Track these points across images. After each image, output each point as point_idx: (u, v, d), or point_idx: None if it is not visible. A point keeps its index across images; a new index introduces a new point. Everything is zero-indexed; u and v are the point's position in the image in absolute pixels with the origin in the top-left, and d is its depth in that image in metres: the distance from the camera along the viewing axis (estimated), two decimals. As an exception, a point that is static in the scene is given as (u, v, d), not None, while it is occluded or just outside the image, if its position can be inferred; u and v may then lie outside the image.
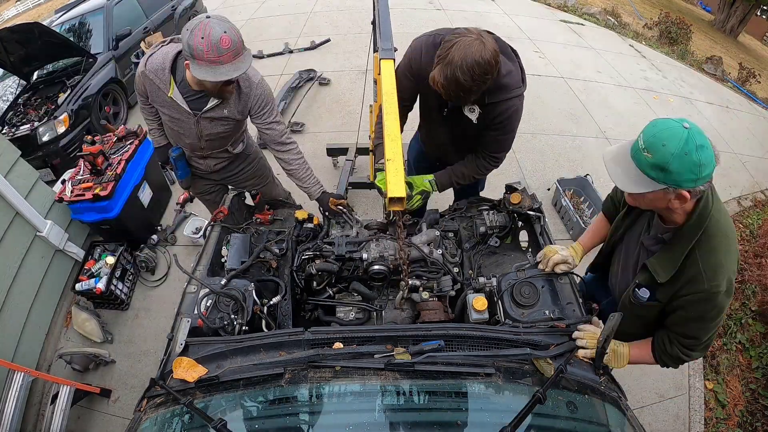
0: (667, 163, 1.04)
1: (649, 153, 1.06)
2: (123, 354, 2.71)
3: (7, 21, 13.16)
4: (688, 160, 1.02)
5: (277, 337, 1.28)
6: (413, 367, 1.17)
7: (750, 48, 12.63)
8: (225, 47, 1.46)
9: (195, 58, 1.48)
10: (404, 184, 1.35)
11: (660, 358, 1.35)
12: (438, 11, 7.04)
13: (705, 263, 1.16)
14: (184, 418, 1.15)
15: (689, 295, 1.19)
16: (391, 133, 1.46)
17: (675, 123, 1.06)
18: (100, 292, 2.68)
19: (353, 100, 4.75)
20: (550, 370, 1.19)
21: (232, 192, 2.05)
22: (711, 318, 1.21)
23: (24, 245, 2.62)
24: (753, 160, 4.78)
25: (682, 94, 5.78)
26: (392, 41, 1.90)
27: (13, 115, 4.01)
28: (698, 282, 1.17)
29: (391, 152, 1.40)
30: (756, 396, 2.67)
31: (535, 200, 1.77)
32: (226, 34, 1.46)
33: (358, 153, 3.47)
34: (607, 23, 7.96)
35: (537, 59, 5.80)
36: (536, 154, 4.13)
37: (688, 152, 1.02)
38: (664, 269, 1.22)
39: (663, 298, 1.27)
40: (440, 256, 1.70)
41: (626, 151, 1.15)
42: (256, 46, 5.73)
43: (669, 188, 1.07)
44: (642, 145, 1.08)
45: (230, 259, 1.68)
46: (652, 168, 1.07)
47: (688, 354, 1.29)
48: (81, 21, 4.88)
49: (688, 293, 1.19)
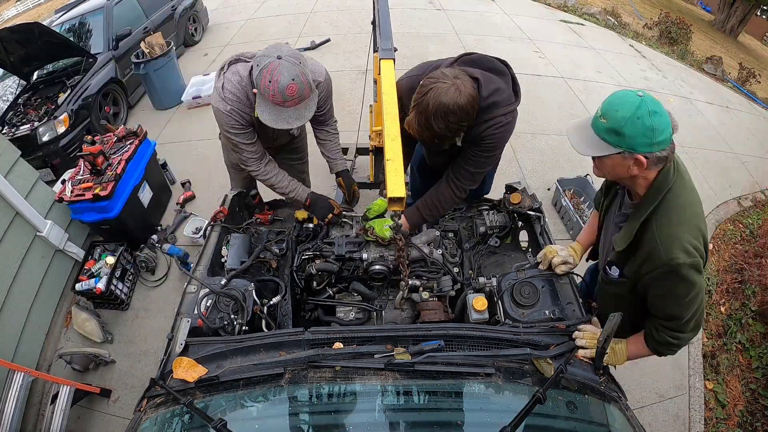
0: (620, 126, 1.10)
1: (604, 119, 1.13)
2: (123, 354, 2.71)
3: (7, 21, 13.16)
4: (641, 123, 1.09)
5: (277, 337, 1.28)
6: (413, 367, 1.17)
7: (750, 48, 12.63)
8: (290, 94, 1.47)
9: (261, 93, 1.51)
10: (404, 184, 1.35)
11: (654, 348, 1.34)
12: (438, 11, 7.04)
13: (660, 235, 1.18)
14: (184, 418, 1.15)
15: (652, 272, 1.20)
16: (391, 133, 1.46)
17: (631, 92, 1.13)
18: (100, 292, 2.68)
19: (353, 100, 4.75)
20: (550, 370, 1.19)
21: (232, 192, 2.05)
22: (683, 294, 1.18)
23: (24, 245, 2.62)
24: (753, 160, 4.78)
25: (682, 94, 5.78)
26: (392, 41, 1.90)
27: (13, 115, 4.01)
28: (655, 256, 1.18)
29: (391, 152, 1.40)
30: (756, 396, 2.67)
31: (535, 200, 1.78)
32: (294, 82, 1.46)
33: (358, 153, 3.47)
34: (607, 23, 7.96)
35: (537, 59, 5.80)
36: (536, 154, 4.13)
37: (640, 116, 1.08)
38: (622, 240, 1.27)
39: (629, 273, 1.29)
40: (440, 256, 1.70)
41: (588, 120, 1.22)
42: (256, 45, 5.73)
43: (625, 152, 1.13)
44: (599, 113, 1.16)
45: (230, 259, 1.68)
46: (607, 132, 1.13)
47: (676, 336, 1.27)
48: (81, 21, 4.88)
49: (650, 270, 1.20)
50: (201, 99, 4.74)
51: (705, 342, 2.91)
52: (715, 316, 3.09)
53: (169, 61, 4.69)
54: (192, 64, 5.75)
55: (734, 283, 3.29)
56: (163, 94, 4.79)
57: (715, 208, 3.97)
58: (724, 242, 3.69)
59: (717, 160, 4.60)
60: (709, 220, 3.82)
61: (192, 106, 4.80)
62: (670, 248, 1.15)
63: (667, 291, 1.21)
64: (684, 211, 1.19)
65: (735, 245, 3.69)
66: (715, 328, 3.02)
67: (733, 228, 3.86)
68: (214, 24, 6.89)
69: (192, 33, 6.26)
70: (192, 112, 4.78)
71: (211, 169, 3.87)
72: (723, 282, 3.32)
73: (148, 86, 4.75)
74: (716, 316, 3.09)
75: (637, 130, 1.09)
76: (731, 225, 3.89)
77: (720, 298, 3.21)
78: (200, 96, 4.73)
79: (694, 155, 4.55)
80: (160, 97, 4.81)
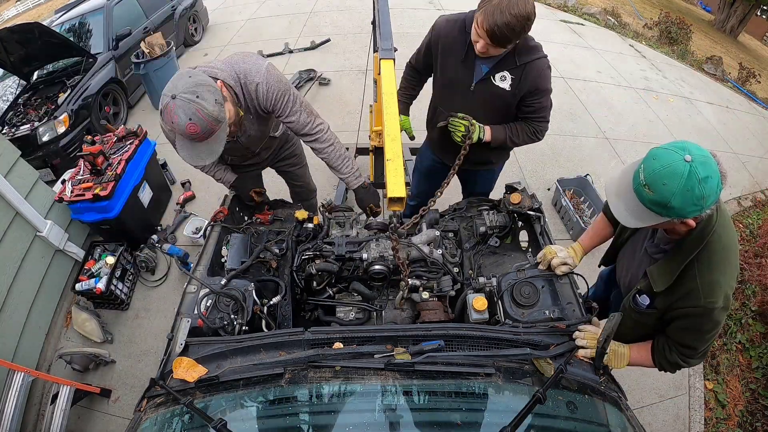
0: (668, 201, 1.01)
1: (650, 190, 1.03)
2: (123, 354, 2.71)
3: (7, 21, 13.15)
4: (690, 195, 1.00)
5: (277, 337, 1.28)
6: (413, 367, 1.17)
7: (750, 48, 12.63)
8: (193, 133, 1.37)
9: None
10: (404, 184, 1.36)
11: (659, 363, 1.35)
12: (438, 11, 7.04)
13: (702, 279, 1.16)
14: (184, 418, 1.15)
15: (685, 308, 1.20)
16: (391, 133, 1.46)
17: (676, 157, 1.01)
18: (100, 292, 2.68)
19: (353, 100, 4.75)
20: (550, 370, 1.19)
21: (233, 192, 2.05)
22: (707, 330, 1.22)
23: (24, 245, 2.62)
24: (753, 160, 4.78)
25: (683, 94, 5.78)
26: (392, 41, 1.90)
27: (13, 115, 4.01)
28: (694, 297, 1.17)
29: (391, 152, 1.41)
30: (756, 396, 2.67)
31: (535, 200, 1.77)
32: (192, 122, 1.35)
33: (358, 153, 3.47)
34: (607, 23, 7.96)
35: (537, 59, 5.79)
36: (536, 154, 4.13)
37: (690, 188, 0.99)
38: (662, 279, 1.23)
39: (661, 306, 1.27)
40: (440, 256, 1.70)
41: (629, 182, 1.11)
42: (256, 45, 5.74)
43: (673, 219, 1.06)
44: (643, 181, 1.05)
45: (230, 259, 1.68)
46: (653, 204, 1.04)
47: (686, 361, 1.30)
48: (81, 21, 4.88)
49: (684, 306, 1.20)
50: (201, 99, 4.73)
51: (705, 342, 2.91)
52: (715, 316, 3.09)
53: (169, 61, 4.68)
54: (192, 64, 5.66)
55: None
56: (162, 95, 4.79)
57: (715, 208, 3.97)
58: (724, 242, 3.69)
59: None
60: (709, 220, 3.82)
61: (192, 106, 4.80)
62: (711, 293, 1.15)
63: (694, 326, 1.22)
64: (727, 253, 1.17)
65: (735, 245, 3.69)
66: (715, 328, 3.02)
67: (733, 228, 3.86)
68: (214, 24, 6.89)
69: (192, 33, 6.25)
70: (192, 112, 4.78)
71: (211, 169, 3.87)
72: (723, 282, 3.31)
73: (148, 86, 4.75)
74: (716, 316, 3.09)
75: (686, 201, 1.00)
76: (731, 225, 3.89)
77: (720, 298, 3.20)
78: (200, 96, 4.72)
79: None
80: (159, 97, 4.80)
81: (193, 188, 3.73)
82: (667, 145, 1.06)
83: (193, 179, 3.78)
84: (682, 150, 1.02)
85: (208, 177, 2.00)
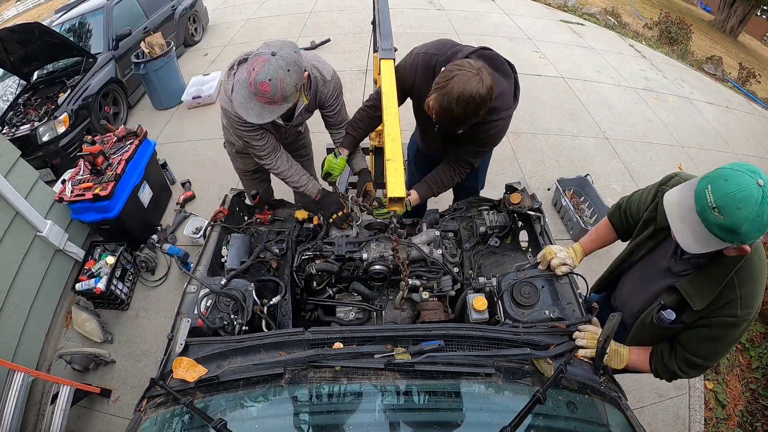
0: (738, 226, 0.97)
1: (720, 214, 0.98)
2: (123, 354, 2.71)
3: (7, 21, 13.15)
4: (759, 222, 0.96)
5: (277, 337, 1.28)
6: (413, 367, 1.17)
7: (750, 48, 12.63)
8: (261, 91, 1.48)
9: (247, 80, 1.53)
10: (404, 184, 1.36)
11: (655, 368, 1.34)
12: (438, 11, 7.04)
13: (743, 289, 1.13)
14: (184, 418, 1.15)
15: (719, 318, 1.16)
16: (391, 133, 1.47)
17: (750, 180, 0.97)
18: (100, 292, 2.69)
19: (353, 100, 4.74)
20: (550, 370, 1.19)
21: (233, 192, 2.05)
22: (729, 343, 1.20)
23: (24, 245, 2.62)
24: (753, 160, 4.78)
25: (682, 94, 5.79)
26: (392, 41, 1.90)
27: (13, 115, 4.01)
28: (732, 307, 1.14)
29: (391, 152, 1.41)
30: (756, 396, 2.67)
31: (535, 200, 1.77)
32: (269, 83, 1.47)
33: None
34: (607, 23, 7.96)
35: (537, 59, 5.80)
36: (536, 154, 4.13)
37: (760, 214, 0.96)
38: (701, 296, 1.17)
39: (688, 319, 1.22)
40: (440, 256, 1.70)
41: (691, 204, 1.04)
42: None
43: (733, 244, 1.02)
44: (712, 204, 0.99)
45: (230, 259, 1.68)
46: (721, 229, 0.99)
47: (686, 372, 1.27)
48: (81, 21, 4.88)
49: (719, 316, 1.16)
50: (201, 99, 4.74)
51: (705, 342, 2.91)
52: (715, 316, 3.09)
53: (169, 61, 4.69)
54: (192, 64, 5.75)
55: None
56: (163, 94, 4.79)
57: (715, 208, 3.97)
58: (724, 242, 3.69)
59: (717, 160, 4.60)
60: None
61: (192, 106, 4.80)
62: (750, 304, 1.13)
63: (718, 337, 1.19)
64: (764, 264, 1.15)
65: (735, 245, 3.69)
66: (715, 328, 3.02)
67: (733, 228, 3.86)
68: (214, 24, 6.89)
69: (192, 33, 6.26)
70: (192, 112, 4.78)
71: (211, 169, 3.87)
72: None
73: (148, 86, 4.75)
74: (716, 316, 3.09)
75: (755, 228, 0.97)
76: (731, 225, 3.89)
77: (720, 298, 3.21)
78: (200, 96, 4.73)
79: (694, 155, 4.55)
80: (160, 97, 4.81)
81: (193, 188, 3.73)
82: (736, 167, 1.02)
83: (193, 179, 3.78)
84: (753, 173, 0.98)
85: (209, 177, 2.01)
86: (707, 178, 1.03)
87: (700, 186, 1.03)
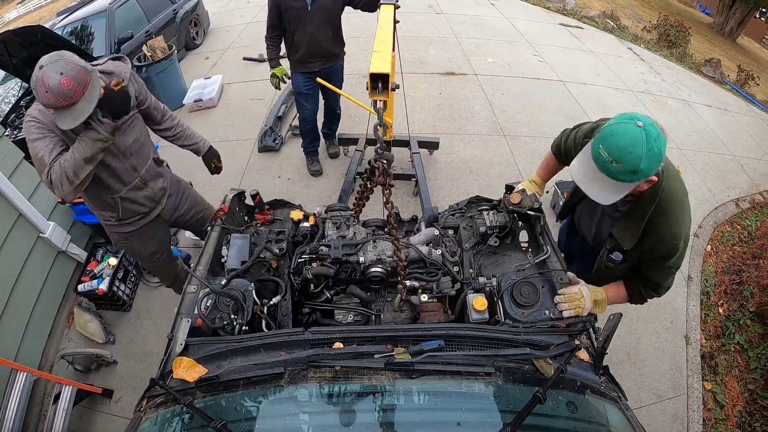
0: (637, 165, 1.12)
1: (619, 163, 1.13)
2: (125, 355, 2.71)
3: (9, 23, 13.21)
4: (652, 154, 1.12)
5: (277, 337, 1.28)
6: (413, 367, 1.17)
7: (749, 50, 12.67)
8: (68, 88, 1.38)
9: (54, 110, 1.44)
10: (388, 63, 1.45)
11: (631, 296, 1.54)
12: (438, 15, 7.08)
13: (665, 228, 1.32)
14: (184, 418, 1.15)
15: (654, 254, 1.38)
16: (383, 42, 1.75)
17: (630, 126, 1.13)
18: (103, 293, 2.69)
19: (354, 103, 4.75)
20: (550, 370, 1.19)
21: (233, 192, 2.05)
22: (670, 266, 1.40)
23: (27, 246, 2.63)
24: (751, 162, 4.80)
25: (681, 96, 5.80)
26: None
27: (15, 117, 4.03)
28: (661, 246, 1.35)
29: (379, 45, 1.60)
30: (754, 397, 2.67)
31: (535, 200, 1.78)
32: (63, 76, 1.37)
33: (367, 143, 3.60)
34: (606, 26, 7.99)
35: (536, 62, 5.82)
36: (535, 157, 4.14)
37: (650, 148, 1.11)
38: (628, 238, 1.40)
39: (631, 259, 1.48)
40: (439, 256, 1.70)
41: (591, 166, 1.21)
42: (256, 49, 5.75)
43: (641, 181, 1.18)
44: (609, 158, 1.14)
45: (230, 259, 1.68)
46: (624, 174, 1.15)
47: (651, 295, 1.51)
48: (83, 24, 4.90)
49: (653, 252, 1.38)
50: (202, 102, 4.77)
51: (703, 343, 2.91)
52: (714, 317, 3.10)
53: (171, 64, 4.71)
54: (193, 67, 5.77)
55: (732, 284, 3.30)
56: (164, 97, 4.80)
57: (713, 210, 3.98)
58: (723, 244, 3.70)
59: (715, 162, 4.62)
60: (707, 222, 3.83)
61: (193, 109, 4.83)
62: (674, 242, 1.33)
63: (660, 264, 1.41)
64: (682, 205, 1.33)
65: (733, 247, 3.70)
66: (713, 329, 3.03)
67: (731, 230, 3.87)
68: (216, 27, 6.92)
69: (193, 36, 6.28)
70: (193, 114, 4.80)
71: (212, 171, 3.88)
72: (721, 283, 3.32)
73: (150, 89, 4.77)
74: (714, 317, 3.09)
75: (651, 160, 1.12)
76: (729, 227, 3.90)
77: (718, 299, 3.21)
78: (202, 99, 4.75)
79: (693, 158, 4.56)
80: (161, 100, 4.79)
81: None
82: (615, 120, 1.18)
83: (194, 180, 3.79)
84: (631, 119, 1.14)
85: (209, 177, 2.01)
86: (597, 139, 1.18)
87: (594, 149, 1.19)
